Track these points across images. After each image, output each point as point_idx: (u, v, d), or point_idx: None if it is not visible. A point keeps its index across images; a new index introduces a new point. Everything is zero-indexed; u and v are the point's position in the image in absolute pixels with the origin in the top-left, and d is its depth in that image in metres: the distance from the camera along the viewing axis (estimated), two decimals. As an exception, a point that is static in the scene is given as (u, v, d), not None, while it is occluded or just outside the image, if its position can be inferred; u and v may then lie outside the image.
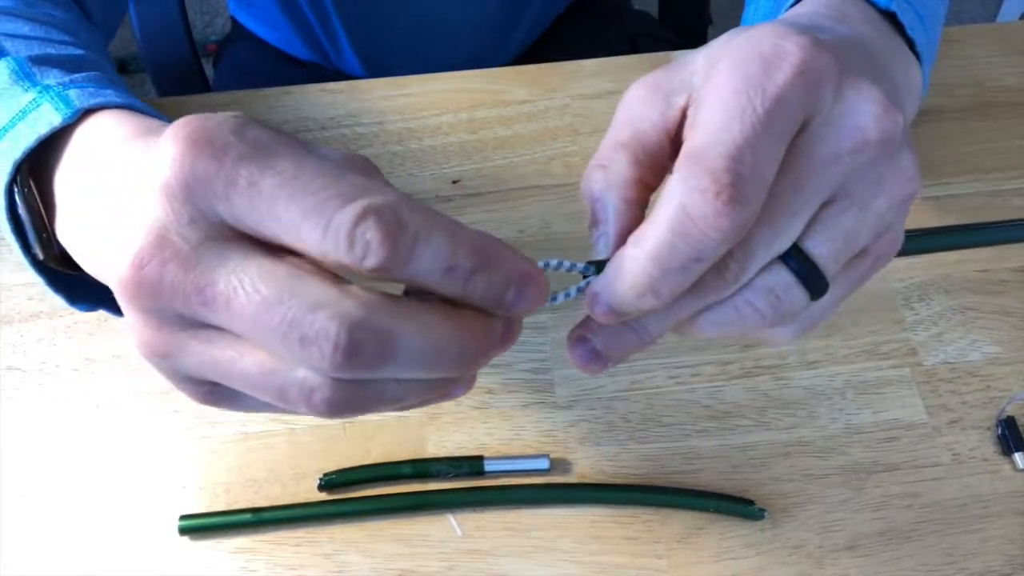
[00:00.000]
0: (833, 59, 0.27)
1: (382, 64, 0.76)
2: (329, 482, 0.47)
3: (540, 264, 0.27)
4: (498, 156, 0.58)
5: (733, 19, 0.49)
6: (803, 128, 0.27)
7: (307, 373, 0.25)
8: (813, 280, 0.28)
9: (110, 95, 0.34)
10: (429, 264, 0.24)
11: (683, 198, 0.25)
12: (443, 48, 0.76)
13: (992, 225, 0.34)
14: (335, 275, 0.24)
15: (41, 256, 0.33)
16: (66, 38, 0.41)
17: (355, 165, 0.26)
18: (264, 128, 0.25)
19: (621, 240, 0.28)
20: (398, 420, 0.49)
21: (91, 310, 0.38)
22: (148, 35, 0.81)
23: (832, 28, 0.31)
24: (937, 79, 0.61)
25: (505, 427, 0.49)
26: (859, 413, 0.49)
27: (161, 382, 0.50)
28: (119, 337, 0.52)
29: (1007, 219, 0.35)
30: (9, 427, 0.49)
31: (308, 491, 0.47)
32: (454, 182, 0.57)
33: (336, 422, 0.49)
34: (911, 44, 0.36)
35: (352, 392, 0.25)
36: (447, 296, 0.25)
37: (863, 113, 0.27)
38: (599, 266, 0.28)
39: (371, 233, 0.23)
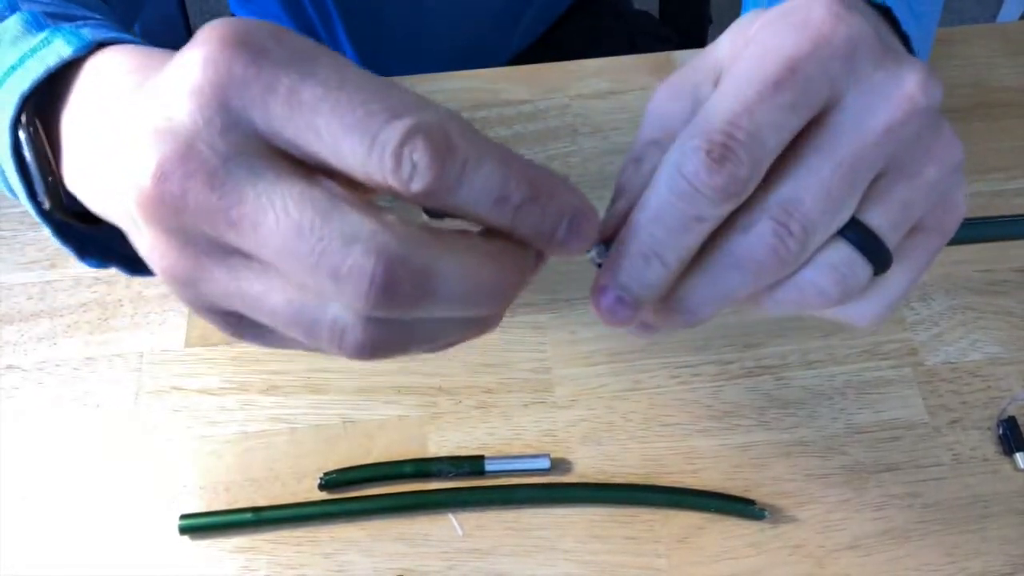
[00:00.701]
0: (866, 24, 0.26)
1: (380, 63, 0.76)
2: (329, 481, 0.47)
3: None
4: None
5: (733, 18, 0.49)
6: (842, 98, 0.26)
7: (339, 311, 0.23)
8: (875, 251, 0.27)
9: (126, 36, 0.32)
10: (479, 192, 0.23)
11: (678, 158, 0.25)
12: (441, 46, 0.75)
13: (993, 220, 0.34)
14: (374, 205, 0.23)
15: (47, 205, 0.30)
16: (86, 13, 0.40)
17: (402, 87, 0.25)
18: (303, 36, 0.23)
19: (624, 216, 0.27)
20: (399, 419, 0.49)
21: (101, 266, 0.36)
22: (148, 34, 0.81)
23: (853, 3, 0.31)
24: (938, 79, 0.61)
25: (505, 427, 0.49)
26: (860, 413, 0.49)
27: (161, 382, 0.51)
28: (119, 337, 0.52)
29: (1008, 214, 0.35)
30: (9, 427, 0.49)
31: (308, 491, 0.47)
32: (454, 182, 0.57)
33: (336, 422, 0.49)
34: (905, 40, 0.36)
35: (386, 332, 0.24)
36: (492, 226, 0.24)
37: (909, 81, 0.26)
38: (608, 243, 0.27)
39: (419, 153, 0.21)
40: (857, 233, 0.27)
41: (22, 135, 0.30)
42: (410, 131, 0.22)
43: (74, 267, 0.53)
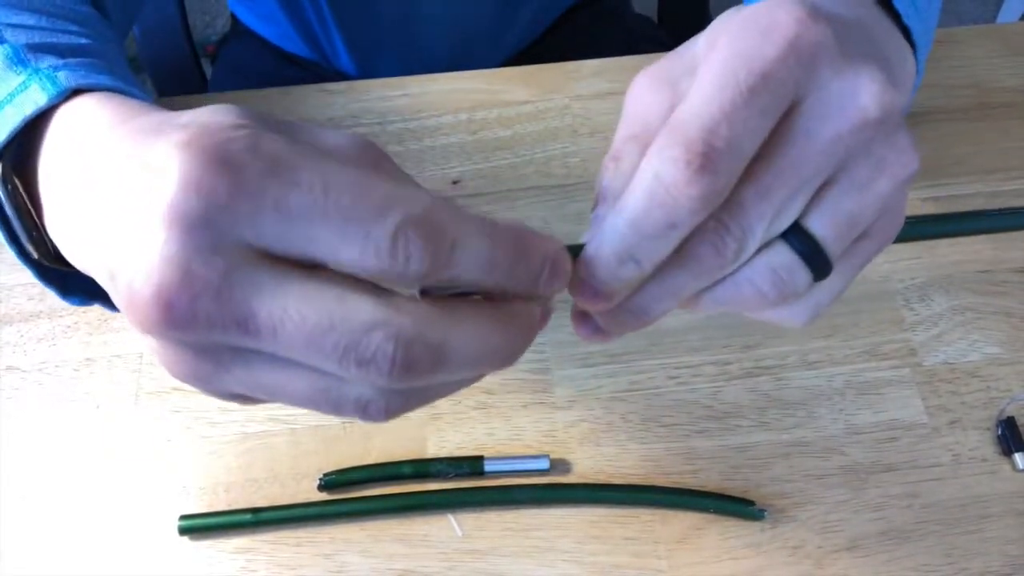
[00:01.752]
0: (831, 32, 0.26)
1: (375, 62, 0.76)
2: (329, 482, 0.47)
3: None
4: (498, 157, 0.58)
5: (733, 19, 0.49)
6: (800, 103, 0.26)
7: (362, 388, 0.25)
8: (816, 260, 0.28)
9: (104, 79, 0.32)
10: (470, 265, 0.24)
11: (657, 166, 0.25)
12: (435, 45, 0.75)
13: (988, 213, 0.34)
14: (376, 286, 0.24)
15: (34, 255, 0.32)
16: (72, 28, 0.40)
17: (369, 158, 0.26)
18: (272, 132, 0.24)
19: None
20: (398, 420, 0.49)
21: (85, 304, 0.37)
22: (147, 33, 0.81)
23: (827, 6, 0.31)
24: (937, 79, 0.61)
25: (505, 427, 0.49)
26: (859, 413, 0.49)
27: (161, 382, 0.51)
28: (119, 337, 0.52)
29: (1004, 207, 0.35)
30: (9, 427, 0.49)
31: (308, 491, 0.47)
32: (454, 182, 0.57)
33: (336, 422, 0.49)
34: (906, 33, 0.36)
35: (405, 398, 0.25)
36: (485, 290, 0.25)
37: (863, 92, 0.26)
38: (574, 251, 0.28)
39: (412, 244, 0.23)
40: (801, 240, 0.27)
41: (0, 194, 0.31)
42: (400, 225, 0.23)
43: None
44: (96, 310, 0.52)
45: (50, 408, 0.49)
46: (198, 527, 0.46)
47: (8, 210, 0.31)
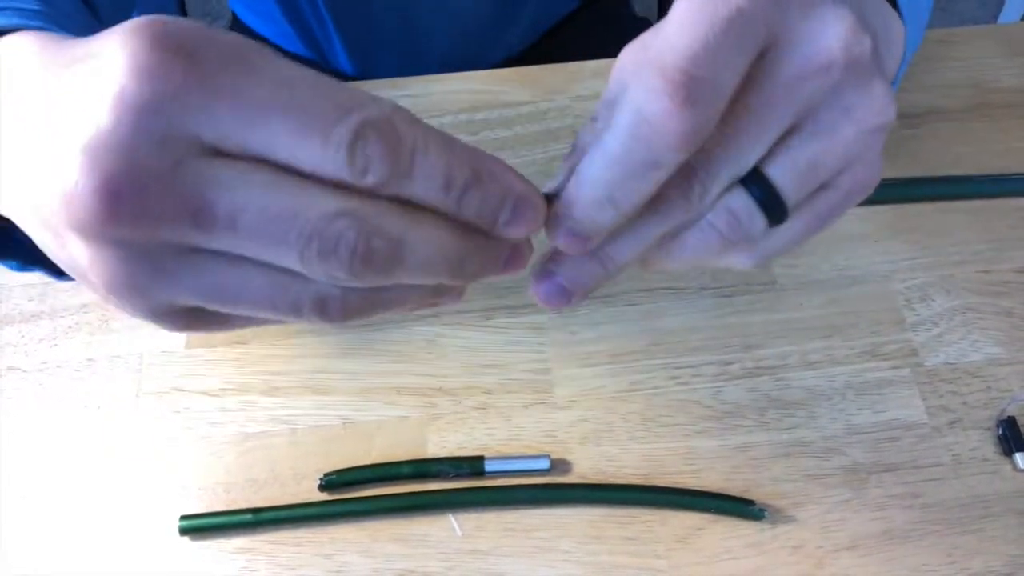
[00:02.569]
0: None
1: (373, 62, 0.76)
2: (329, 482, 0.47)
3: None
4: (499, 157, 0.58)
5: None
6: (768, 47, 0.26)
7: (320, 285, 0.24)
8: (772, 206, 0.27)
9: (38, 22, 0.30)
10: (427, 178, 0.23)
11: (638, 100, 0.24)
12: (434, 46, 0.75)
13: (979, 178, 0.34)
14: (336, 182, 0.23)
15: None
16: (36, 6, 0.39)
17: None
18: (232, 33, 0.23)
19: None
20: (398, 420, 0.49)
21: (22, 270, 0.35)
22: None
23: None
24: (937, 79, 0.61)
25: (505, 427, 0.49)
26: (860, 413, 0.49)
27: (161, 382, 0.51)
28: (120, 338, 0.52)
29: (994, 173, 0.34)
30: (9, 427, 0.49)
31: (308, 491, 0.47)
32: (454, 183, 0.57)
33: (336, 422, 0.49)
34: (895, 5, 0.36)
35: (363, 298, 0.25)
36: (442, 213, 0.24)
37: (829, 34, 0.26)
38: (549, 198, 0.27)
39: (372, 147, 0.22)
40: (759, 187, 0.27)
41: None
42: (361, 126, 0.22)
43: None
44: (97, 312, 0.52)
45: (51, 408, 0.49)
46: (198, 527, 0.46)
47: None
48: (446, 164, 0.23)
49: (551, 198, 0.27)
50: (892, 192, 0.31)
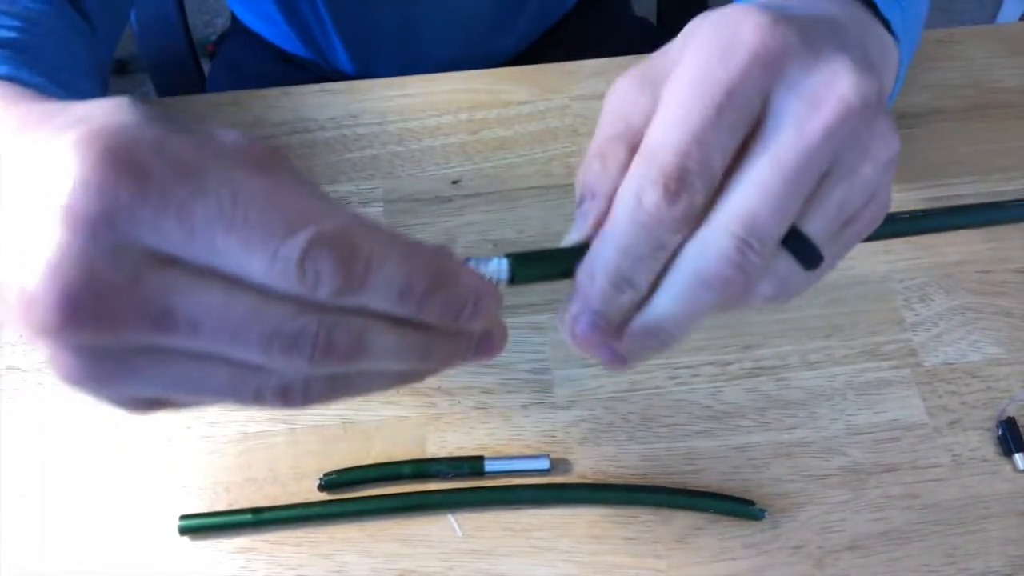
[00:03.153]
0: (794, 32, 0.27)
1: (373, 62, 0.76)
2: (329, 482, 0.47)
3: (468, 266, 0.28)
4: (498, 157, 0.58)
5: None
6: (777, 107, 0.27)
7: (282, 375, 0.24)
8: (810, 258, 0.28)
9: (3, 69, 0.30)
10: (383, 289, 0.23)
11: (638, 192, 0.26)
12: (434, 46, 0.75)
13: (982, 207, 0.35)
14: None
15: None
16: (5, 21, 0.38)
17: (280, 167, 0.24)
18: (181, 134, 0.23)
19: (603, 217, 0.28)
20: (398, 420, 0.49)
21: None
22: (146, 32, 0.81)
23: (796, 6, 0.31)
24: (937, 79, 0.61)
25: (505, 427, 0.49)
26: (859, 414, 0.49)
27: (161, 382, 0.50)
28: (119, 337, 0.52)
29: (996, 200, 0.35)
30: (9, 427, 0.49)
31: (308, 491, 0.47)
32: (454, 182, 0.57)
33: (336, 422, 0.49)
34: (887, 25, 0.36)
35: (326, 385, 0.25)
36: (402, 318, 0.25)
37: (841, 82, 0.26)
38: (515, 258, 0.28)
39: (322, 263, 0.22)
40: (798, 242, 0.28)
41: None
42: (311, 243, 0.22)
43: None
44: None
45: (50, 408, 0.49)
46: (198, 527, 0.46)
47: None
48: (405, 274, 0.23)
49: (515, 257, 0.28)
50: (896, 228, 0.32)
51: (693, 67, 0.27)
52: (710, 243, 0.27)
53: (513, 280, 0.28)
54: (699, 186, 0.26)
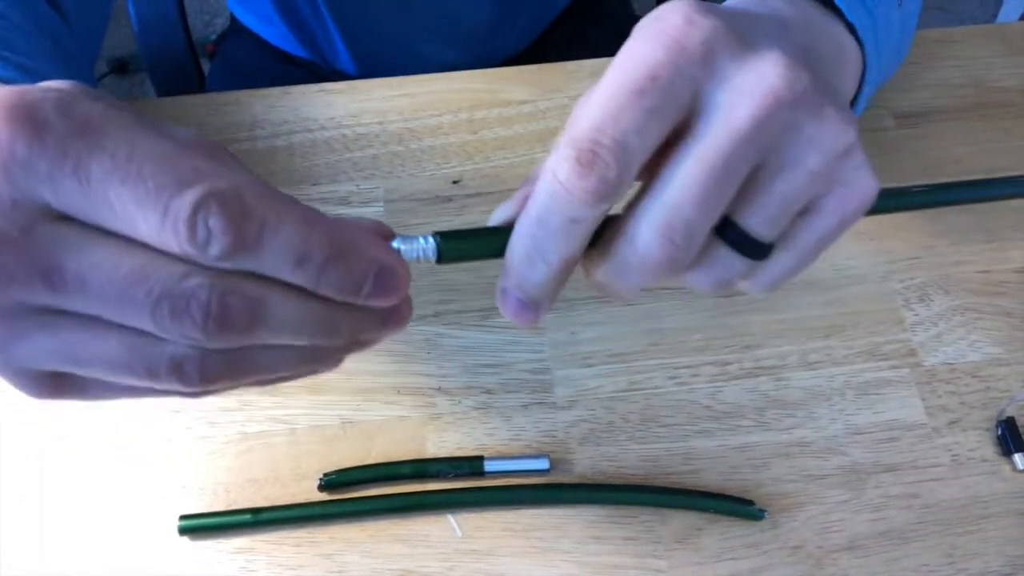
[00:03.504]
0: (723, 25, 0.27)
1: (375, 62, 0.76)
2: (329, 482, 0.47)
3: (393, 244, 0.27)
4: (498, 156, 0.58)
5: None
6: (707, 97, 0.27)
7: (176, 347, 0.24)
8: (749, 247, 0.28)
9: None
10: (279, 253, 0.23)
11: (553, 164, 0.26)
12: (433, 48, 0.75)
13: (976, 183, 0.35)
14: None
15: None
16: None
17: (202, 147, 0.24)
18: (96, 102, 0.23)
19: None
20: (398, 420, 0.49)
21: None
22: (145, 30, 0.81)
23: (743, 5, 0.32)
24: (937, 78, 0.61)
25: (505, 427, 0.49)
26: (859, 414, 0.49)
27: (161, 382, 0.50)
28: (119, 337, 0.51)
29: (991, 177, 0.35)
30: (9, 427, 0.49)
31: (308, 491, 0.47)
32: (454, 182, 0.57)
33: (336, 422, 0.49)
34: (853, 30, 0.37)
35: (224, 361, 0.24)
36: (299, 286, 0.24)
37: (769, 74, 0.27)
38: (444, 236, 0.28)
39: (213, 219, 0.22)
40: (732, 233, 0.28)
41: None
42: (202, 199, 0.22)
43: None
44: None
45: (50, 408, 0.49)
46: (198, 527, 0.46)
47: None
48: (301, 239, 0.23)
49: (444, 235, 0.28)
50: (896, 201, 0.32)
51: (622, 55, 0.27)
52: (637, 233, 0.27)
53: (441, 258, 0.28)
54: (611, 162, 0.26)
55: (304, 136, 0.59)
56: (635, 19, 0.88)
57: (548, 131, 0.59)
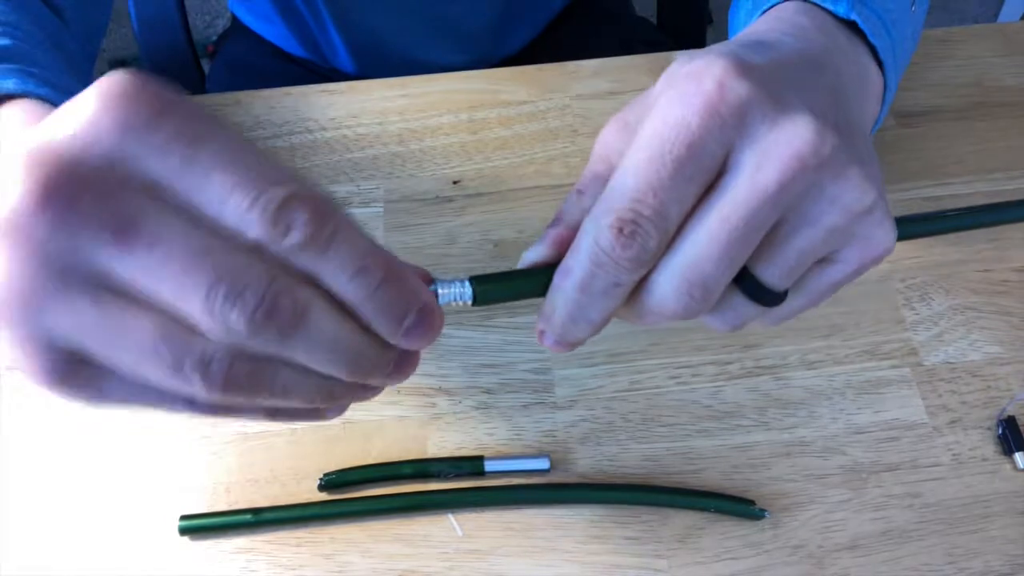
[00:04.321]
0: (758, 86, 0.28)
1: (375, 62, 0.76)
2: (329, 482, 0.47)
3: (430, 288, 0.29)
4: (498, 156, 0.58)
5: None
6: (737, 155, 0.28)
7: (209, 344, 0.24)
8: (764, 296, 0.30)
9: (10, 84, 0.33)
10: (343, 260, 0.24)
11: (594, 233, 0.28)
12: (435, 49, 0.75)
13: (984, 208, 0.35)
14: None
15: None
16: (12, 43, 0.39)
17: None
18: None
19: (562, 242, 0.30)
20: (398, 420, 0.49)
21: None
22: (146, 30, 0.81)
23: (778, 42, 0.32)
24: (937, 79, 0.61)
25: (505, 427, 0.49)
26: (860, 413, 0.49)
27: (161, 382, 0.50)
28: (119, 337, 0.51)
29: (999, 201, 0.35)
30: (9, 427, 0.49)
31: (308, 491, 0.47)
32: (454, 182, 0.57)
33: (336, 422, 0.49)
34: (874, 51, 0.37)
35: (249, 371, 0.25)
36: (347, 301, 0.25)
37: (798, 140, 0.27)
38: (478, 280, 0.30)
39: (298, 213, 0.23)
40: (751, 283, 0.30)
41: None
42: (292, 194, 0.24)
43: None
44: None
45: (50, 408, 0.49)
46: (198, 527, 0.46)
47: None
48: (364, 254, 0.25)
49: (478, 279, 0.30)
50: (913, 228, 0.34)
51: (658, 118, 0.28)
52: (657, 286, 0.29)
53: (476, 301, 0.30)
54: (652, 232, 0.28)
55: (304, 136, 0.59)
56: (635, 19, 0.89)
57: (548, 131, 0.59)
